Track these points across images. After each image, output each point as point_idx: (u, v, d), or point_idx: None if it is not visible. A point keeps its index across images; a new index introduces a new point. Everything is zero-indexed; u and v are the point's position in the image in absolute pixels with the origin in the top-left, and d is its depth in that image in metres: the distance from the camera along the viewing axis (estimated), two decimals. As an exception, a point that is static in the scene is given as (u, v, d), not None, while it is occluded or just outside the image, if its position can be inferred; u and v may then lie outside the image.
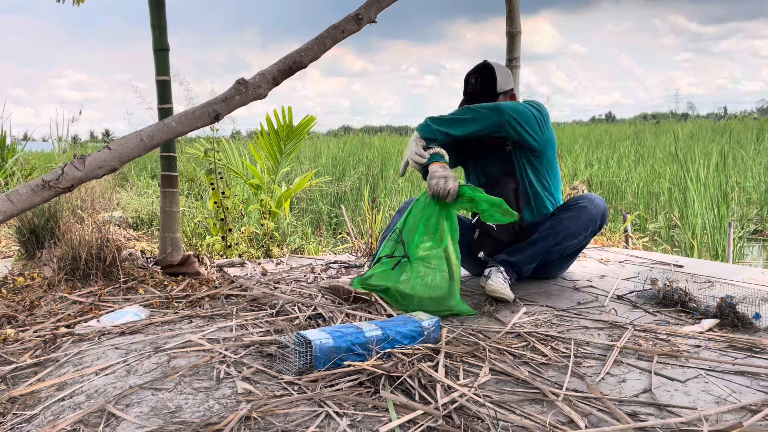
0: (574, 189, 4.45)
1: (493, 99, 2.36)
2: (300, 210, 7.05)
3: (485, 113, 2.23)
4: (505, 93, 2.40)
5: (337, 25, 2.06)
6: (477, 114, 2.24)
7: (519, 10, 3.26)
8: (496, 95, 2.37)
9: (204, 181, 6.37)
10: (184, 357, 1.64)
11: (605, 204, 2.40)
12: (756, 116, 25.89)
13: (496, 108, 2.23)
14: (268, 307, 2.14)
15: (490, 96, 2.37)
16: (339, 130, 25.91)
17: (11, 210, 1.65)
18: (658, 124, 20.15)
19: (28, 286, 2.48)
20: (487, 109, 2.23)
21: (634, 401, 1.36)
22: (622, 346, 1.68)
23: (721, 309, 1.90)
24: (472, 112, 2.25)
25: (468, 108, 2.27)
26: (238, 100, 1.91)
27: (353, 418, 1.27)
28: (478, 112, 2.24)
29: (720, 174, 6.57)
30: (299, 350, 1.50)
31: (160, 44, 2.79)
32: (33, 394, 1.49)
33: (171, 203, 2.85)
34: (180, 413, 1.31)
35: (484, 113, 2.23)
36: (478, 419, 1.26)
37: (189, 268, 2.71)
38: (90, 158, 1.73)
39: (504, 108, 2.22)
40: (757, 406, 1.31)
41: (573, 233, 2.33)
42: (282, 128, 4.43)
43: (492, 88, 2.37)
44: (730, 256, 4.02)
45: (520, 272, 2.35)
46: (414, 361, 1.53)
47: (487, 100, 2.34)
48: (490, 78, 2.39)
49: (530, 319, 1.98)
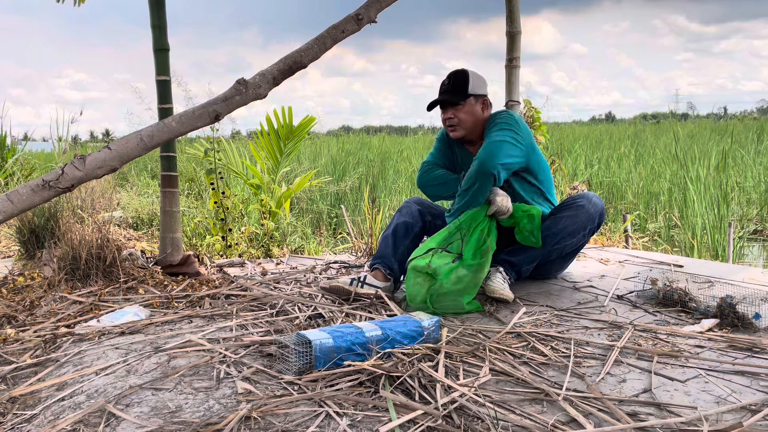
0: (574, 189, 4.45)
1: (463, 98, 2.37)
2: (300, 210, 7.05)
3: (475, 178, 2.27)
4: (476, 96, 2.39)
5: (337, 25, 2.06)
6: (471, 184, 2.28)
7: (519, 10, 3.26)
8: (467, 95, 2.38)
9: (204, 181, 6.37)
10: (184, 357, 1.64)
11: (603, 203, 2.40)
12: (756, 116, 25.90)
13: (480, 169, 2.25)
14: (268, 307, 2.14)
15: (460, 94, 2.38)
16: (339, 130, 25.91)
17: (11, 210, 1.65)
18: (658, 124, 20.15)
19: (28, 286, 2.48)
20: (474, 174, 2.27)
21: (634, 401, 1.36)
22: (622, 346, 1.68)
23: (721, 309, 1.90)
24: (468, 188, 2.30)
25: (464, 186, 2.32)
26: (238, 100, 1.91)
27: (353, 417, 1.27)
28: (470, 183, 2.29)
29: (720, 174, 6.57)
30: (299, 350, 1.50)
31: (160, 44, 2.79)
32: (33, 394, 1.49)
33: (171, 203, 2.85)
34: (180, 413, 1.31)
35: (475, 180, 2.27)
36: (478, 419, 1.26)
37: (189, 268, 2.71)
38: (90, 158, 1.73)
39: (487, 162, 2.24)
40: (757, 406, 1.31)
41: (571, 232, 2.33)
42: (282, 128, 4.43)
43: (464, 88, 2.38)
44: (730, 256, 4.02)
45: (519, 272, 2.35)
46: (414, 361, 1.53)
47: (457, 98, 2.37)
48: (463, 79, 2.40)
49: (530, 319, 1.98)
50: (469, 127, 2.40)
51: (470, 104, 2.38)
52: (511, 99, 3.30)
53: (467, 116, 2.39)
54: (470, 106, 2.38)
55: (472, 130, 2.40)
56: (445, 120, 2.42)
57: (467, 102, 2.38)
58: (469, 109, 2.38)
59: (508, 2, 3.24)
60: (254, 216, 4.86)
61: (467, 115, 2.39)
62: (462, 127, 2.39)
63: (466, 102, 2.38)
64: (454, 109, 2.38)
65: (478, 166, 2.25)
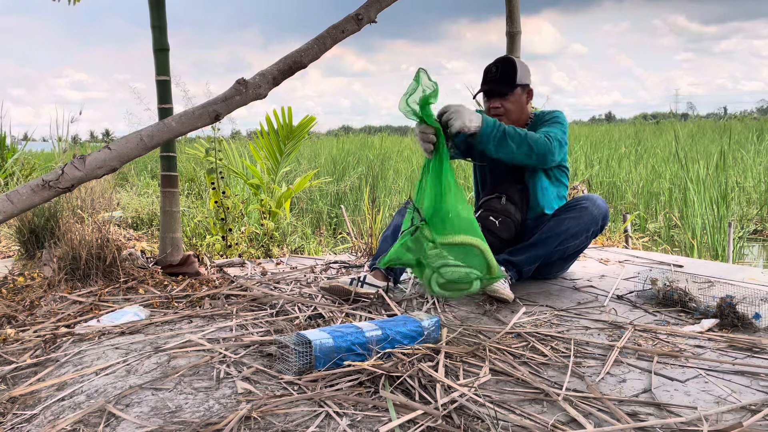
0: (575, 189, 4.45)
1: (511, 88, 2.37)
2: (300, 210, 7.05)
3: (529, 149, 2.18)
4: (523, 86, 2.41)
5: (337, 25, 2.06)
6: (520, 144, 2.17)
7: (519, 10, 3.26)
8: (515, 85, 2.39)
9: (204, 181, 6.37)
10: (184, 357, 1.64)
11: (607, 205, 2.40)
12: (756, 116, 25.90)
13: (540, 151, 2.20)
14: (268, 307, 2.14)
15: (508, 84, 2.38)
16: (339, 130, 25.94)
17: (11, 210, 1.65)
18: (658, 124, 20.14)
19: (28, 286, 2.48)
20: (531, 147, 2.19)
21: (634, 401, 1.36)
22: (622, 346, 1.68)
23: (721, 309, 1.90)
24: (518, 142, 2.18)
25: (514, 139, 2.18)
26: (238, 100, 1.91)
27: (353, 418, 1.27)
28: (520, 143, 2.17)
29: (720, 174, 6.57)
30: (299, 350, 1.50)
31: (160, 44, 2.79)
32: (33, 394, 1.49)
33: (171, 203, 2.85)
34: (180, 413, 1.31)
35: (529, 149, 2.18)
36: (478, 419, 1.26)
37: (189, 268, 2.71)
38: (90, 158, 1.73)
39: (548, 155, 2.23)
40: (757, 406, 1.31)
41: (574, 234, 2.33)
42: (282, 128, 4.43)
43: (512, 78, 2.38)
44: (730, 256, 4.02)
45: (520, 272, 2.35)
46: (414, 361, 1.53)
47: (505, 89, 2.37)
48: (511, 68, 2.39)
49: (530, 319, 1.98)
50: (515, 117, 2.41)
51: (517, 94, 2.40)
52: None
53: (514, 106, 2.40)
54: (517, 96, 2.40)
55: (518, 119, 2.42)
56: (491, 109, 2.42)
57: (515, 92, 2.39)
58: (516, 99, 2.40)
59: (508, 2, 3.24)
60: (254, 216, 4.86)
61: (514, 105, 2.40)
62: (507, 117, 2.40)
63: (513, 92, 2.38)
64: (502, 99, 2.39)
65: (542, 148, 2.19)
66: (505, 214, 2.37)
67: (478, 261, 1.89)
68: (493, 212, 2.38)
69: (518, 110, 2.41)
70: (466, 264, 1.87)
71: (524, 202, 2.42)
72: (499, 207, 2.38)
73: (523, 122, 2.45)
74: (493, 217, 2.37)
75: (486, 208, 2.40)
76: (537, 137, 2.21)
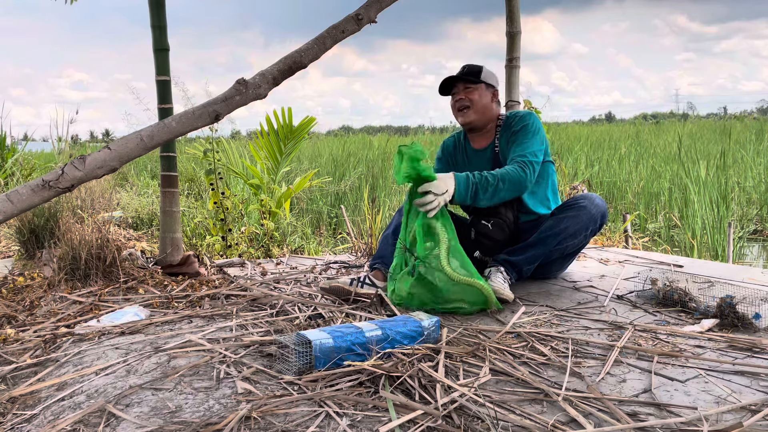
0: (575, 189, 4.45)
1: (476, 80, 2.42)
2: (300, 210, 7.05)
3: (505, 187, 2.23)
4: (488, 85, 2.46)
5: (337, 25, 2.06)
6: (496, 186, 2.22)
7: (519, 10, 3.26)
8: (480, 81, 2.43)
9: (204, 181, 6.37)
10: (184, 357, 1.64)
11: (605, 204, 2.40)
12: (756, 116, 25.89)
13: (515, 184, 2.24)
14: (268, 307, 2.14)
15: (473, 77, 2.43)
16: (339, 130, 25.96)
17: (11, 210, 1.65)
18: (658, 124, 20.16)
19: (28, 286, 2.48)
20: (505, 183, 2.23)
21: (634, 401, 1.36)
22: (622, 346, 1.68)
23: (721, 309, 1.90)
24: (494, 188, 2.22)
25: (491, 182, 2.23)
26: (238, 100, 1.91)
27: (353, 418, 1.27)
28: (496, 184, 2.22)
29: (720, 174, 6.57)
30: (299, 350, 1.50)
31: (160, 44, 2.79)
32: (33, 394, 1.49)
33: (171, 203, 2.85)
34: (180, 413, 1.31)
35: (502, 187, 2.23)
36: (478, 419, 1.26)
37: (189, 268, 2.71)
38: (90, 158, 1.73)
39: (524, 183, 2.26)
40: (757, 406, 1.31)
41: (573, 233, 2.33)
42: (282, 128, 4.43)
43: (476, 74, 2.44)
44: (730, 256, 4.02)
45: (520, 272, 2.35)
46: (414, 361, 1.53)
47: (471, 80, 2.42)
48: (476, 67, 2.47)
49: (530, 319, 1.98)
50: (480, 111, 2.44)
51: (482, 89, 2.44)
52: (511, 99, 3.30)
53: (479, 99, 2.43)
54: (482, 90, 2.44)
55: (482, 115, 2.45)
56: (456, 103, 2.46)
57: (480, 86, 2.43)
58: (481, 93, 2.44)
59: (508, 2, 3.25)
60: (254, 216, 4.86)
61: (479, 98, 2.43)
62: (473, 110, 2.43)
63: (479, 85, 2.43)
64: (467, 90, 2.43)
65: (521, 183, 2.24)
66: (496, 216, 2.38)
67: (475, 295, 2.05)
68: (485, 216, 2.39)
69: (483, 106, 2.44)
70: (465, 299, 2.05)
71: (515, 201, 2.42)
72: (490, 209, 2.38)
73: (490, 121, 2.48)
74: (485, 220, 2.38)
75: (477, 213, 2.41)
76: (512, 173, 2.24)
